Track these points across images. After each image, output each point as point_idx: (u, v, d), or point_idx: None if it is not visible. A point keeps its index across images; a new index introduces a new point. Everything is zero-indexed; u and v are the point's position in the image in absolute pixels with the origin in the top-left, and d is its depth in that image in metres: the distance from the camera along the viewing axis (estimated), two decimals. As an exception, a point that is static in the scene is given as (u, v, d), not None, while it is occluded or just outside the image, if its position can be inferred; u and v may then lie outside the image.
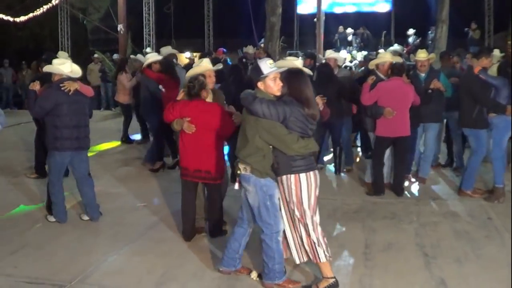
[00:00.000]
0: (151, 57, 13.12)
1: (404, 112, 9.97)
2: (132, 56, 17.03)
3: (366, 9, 33.17)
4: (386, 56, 10.84)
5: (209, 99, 8.11)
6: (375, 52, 19.72)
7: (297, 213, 6.51)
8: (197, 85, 7.88)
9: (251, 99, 6.24)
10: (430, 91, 10.53)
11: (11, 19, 29.31)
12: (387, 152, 10.39)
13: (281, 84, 6.33)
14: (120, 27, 26.46)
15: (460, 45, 24.36)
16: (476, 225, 8.83)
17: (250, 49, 19.31)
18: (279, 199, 6.56)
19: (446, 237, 8.31)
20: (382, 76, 10.44)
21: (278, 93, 6.34)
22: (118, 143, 15.96)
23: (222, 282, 6.92)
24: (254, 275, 7.00)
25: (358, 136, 14.27)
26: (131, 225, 9.10)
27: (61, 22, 33.09)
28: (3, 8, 30.31)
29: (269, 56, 14.64)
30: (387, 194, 10.28)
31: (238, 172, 6.55)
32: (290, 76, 6.40)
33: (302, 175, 6.37)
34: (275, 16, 25.41)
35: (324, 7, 27.66)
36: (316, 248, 6.56)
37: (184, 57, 24.49)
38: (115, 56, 23.12)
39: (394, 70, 10.03)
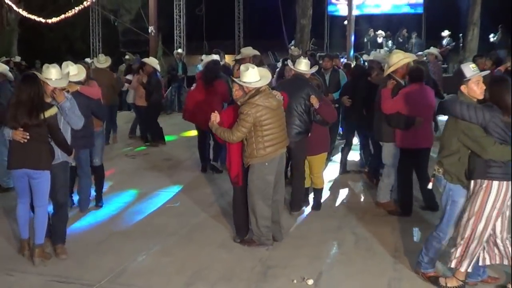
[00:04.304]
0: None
1: (429, 120, 9.45)
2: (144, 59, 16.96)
3: (397, 11, 32.98)
4: (405, 58, 9.69)
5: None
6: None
7: (465, 219, 6.42)
8: None
9: (452, 101, 6.36)
10: None
11: (43, 20, 29.59)
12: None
13: (484, 87, 6.35)
14: (151, 28, 26.66)
15: (492, 47, 24.21)
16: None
17: (295, 51, 18.92)
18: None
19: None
20: (400, 80, 9.48)
21: (481, 97, 6.36)
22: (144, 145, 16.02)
23: (251, 284, 6.94)
24: (310, 281, 6.97)
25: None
26: (160, 225, 9.14)
27: (92, 24, 33.36)
28: (36, 9, 30.62)
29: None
30: (415, 197, 9.86)
31: (434, 172, 6.68)
32: (491, 82, 6.39)
33: (495, 183, 6.24)
34: (306, 18, 25.41)
35: (355, 9, 27.59)
36: (465, 256, 6.48)
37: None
38: (127, 56, 23.06)
39: (413, 75, 9.20)
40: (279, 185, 8.17)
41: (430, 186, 6.92)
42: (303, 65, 9.31)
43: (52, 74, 7.58)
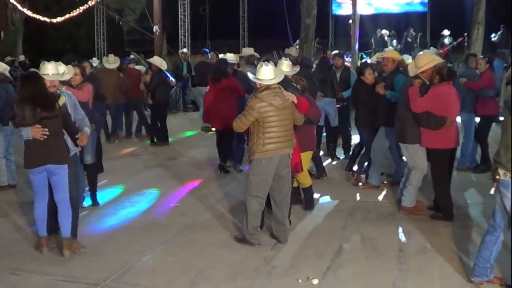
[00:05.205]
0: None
1: (456, 120, 9.25)
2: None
3: (401, 10, 32.95)
4: (435, 60, 9.45)
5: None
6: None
7: None
8: None
9: None
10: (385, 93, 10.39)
11: (48, 20, 29.65)
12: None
13: None
14: (155, 28, 26.67)
15: (497, 47, 24.15)
16: (512, 229, 8.70)
17: (292, 51, 19.00)
18: None
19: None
20: (426, 80, 9.23)
21: None
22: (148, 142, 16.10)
23: (255, 283, 6.93)
24: (315, 281, 6.96)
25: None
26: (164, 225, 9.14)
27: (97, 23, 33.44)
28: (41, 9, 30.70)
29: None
30: (422, 197, 9.87)
31: (497, 177, 6.44)
32: None
33: None
34: (310, 17, 25.33)
35: (360, 9, 27.55)
36: None
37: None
38: (131, 56, 23.03)
39: (443, 74, 8.99)
40: (282, 186, 8.13)
41: (492, 191, 6.78)
42: (285, 66, 9.29)
43: (48, 69, 7.87)
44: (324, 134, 13.99)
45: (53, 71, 7.88)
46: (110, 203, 10.24)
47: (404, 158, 10.16)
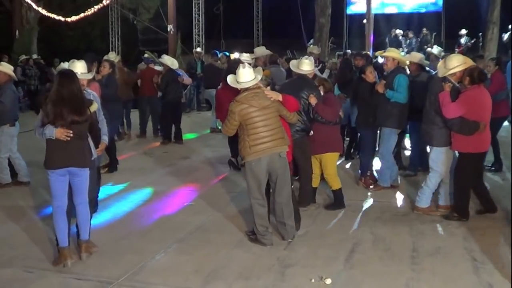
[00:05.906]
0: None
1: (488, 122, 8.96)
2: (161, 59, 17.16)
3: (416, 9, 32.87)
4: (466, 63, 9.07)
5: None
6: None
7: None
8: None
9: None
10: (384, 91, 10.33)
11: (62, 19, 29.74)
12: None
13: None
14: (170, 27, 26.73)
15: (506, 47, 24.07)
16: (527, 230, 8.66)
17: (315, 49, 18.72)
18: None
19: (496, 241, 8.16)
20: (456, 83, 8.94)
21: None
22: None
23: (269, 283, 6.92)
24: (328, 281, 6.95)
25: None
26: (178, 224, 9.15)
27: (111, 22, 33.51)
28: (55, 8, 30.79)
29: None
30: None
31: None
32: None
33: None
34: (325, 16, 25.37)
35: (374, 8, 27.52)
36: None
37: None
38: (146, 55, 23.06)
39: (475, 76, 8.70)
40: (281, 186, 8.12)
41: None
42: (305, 65, 9.34)
43: (78, 67, 7.95)
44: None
45: (82, 69, 7.96)
46: (122, 202, 10.27)
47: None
